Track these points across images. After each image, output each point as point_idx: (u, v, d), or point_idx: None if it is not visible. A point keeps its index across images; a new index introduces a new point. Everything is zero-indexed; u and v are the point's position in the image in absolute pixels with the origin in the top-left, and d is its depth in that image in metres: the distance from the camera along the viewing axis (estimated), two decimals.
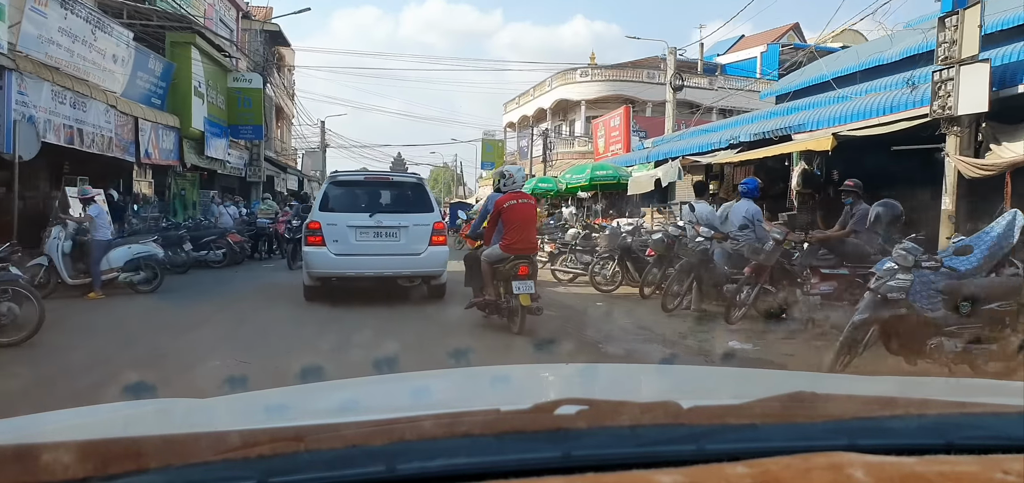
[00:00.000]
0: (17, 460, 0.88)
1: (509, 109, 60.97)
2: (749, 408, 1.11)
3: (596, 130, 35.34)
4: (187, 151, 23.47)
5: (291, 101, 46.12)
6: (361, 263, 11.35)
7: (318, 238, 11.36)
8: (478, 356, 7.59)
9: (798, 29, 46.91)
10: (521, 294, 8.88)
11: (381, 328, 9.67)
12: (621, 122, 32.49)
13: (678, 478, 0.85)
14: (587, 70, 47.69)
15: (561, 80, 48.65)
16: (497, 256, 9.15)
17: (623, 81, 45.77)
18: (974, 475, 0.88)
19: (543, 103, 51.24)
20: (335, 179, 12.70)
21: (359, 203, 11.79)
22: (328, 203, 11.81)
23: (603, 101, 43.95)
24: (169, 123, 22.00)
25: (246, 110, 28.61)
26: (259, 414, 1.58)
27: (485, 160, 56.87)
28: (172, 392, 2.16)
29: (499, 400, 1.48)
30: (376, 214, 11.51)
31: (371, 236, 11.41)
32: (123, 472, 0.86)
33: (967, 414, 1.19)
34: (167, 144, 21.95)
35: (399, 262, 11.40)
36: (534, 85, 54.16)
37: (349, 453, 0.93)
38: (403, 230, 11.43)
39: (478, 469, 0.91)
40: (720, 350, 8.48)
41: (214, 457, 0.90)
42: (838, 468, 0.86)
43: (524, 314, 8.88)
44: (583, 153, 43.61)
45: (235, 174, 30.12)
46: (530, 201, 9.75)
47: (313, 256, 11.43)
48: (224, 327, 9.95)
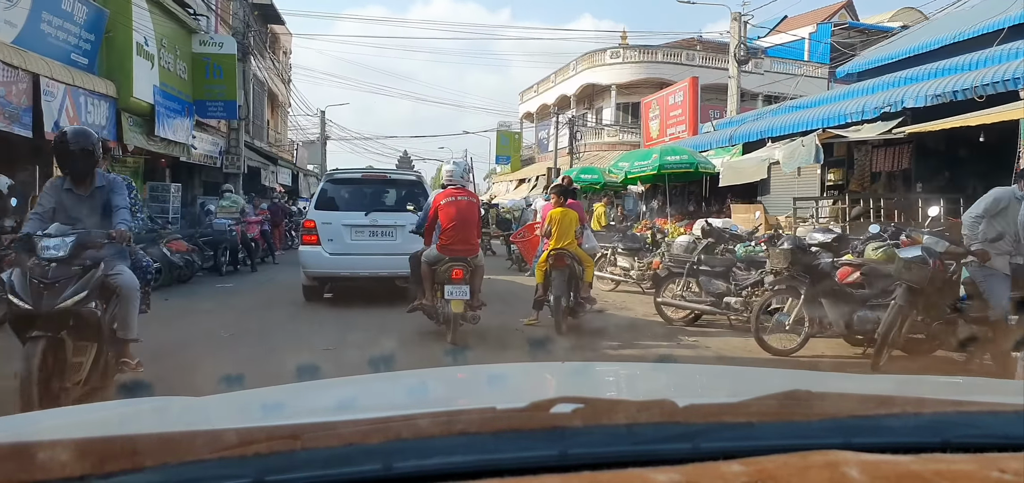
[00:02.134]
0: (14, 458, 0.88)
1: (526, 98, 56.04)
2: (745, 406, 1.11)
3: (647, 111, 30.47)
4: (128, 129, 17.46)
5: (286, 87, 41.48)
6: (356, 263, 11.27)
7: (313, 237, 11.29)
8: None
9: (851, 7, 41.45)
10: (453, 300, 8.36)
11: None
12: (685, 98, 26.95)
13: (674, 477, 0.85)
14: (618, 51, 42.39)
15: (587, 63, 43.93)
16: (433, 257, 8.67)
17: (658, 63, 40.89)
18: (970, 473, 0.88)
19: (566, 89, 46.58)
20: (332, 177, 12.63)
21: (355, 202, 11.68)
22: (324, 201, 11.75)
23: (636, 85, 40.64)
24: (98, 89, 16.04)
25: (216, 82, 22.56)
26: (255, 412, 1.58)
27: (500, 153, 53.31)
28: None
29: (495, 398, 1.48)
30: (372, 213, 11.39)
31: (367, 235, 11.32)
32: (120, 470, 0.86)
33: (963, 413, 1.19)
34: (95, 117, 15.81)
35: (395, 262, 10.86)
36: (556, 70, 49.51)
37: (345, 451, 0.93)
38: (399, 229, 11.22)
39: (474, 467, 0.91)
40: None
41: (210, 455, 0.90)
42: (834, 466, 0.86)
43: (457, 322, 8.38)
44: (613, 144, 40.57)
45: (205, 162, 24.29)
46: (471, 199, 9.14)
47: (308, 255, 11.39)
48: None
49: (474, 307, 8.66)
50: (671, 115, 27.60)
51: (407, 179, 12.82)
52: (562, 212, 9.64)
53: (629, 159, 21.49)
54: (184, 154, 21.41)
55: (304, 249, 11.53)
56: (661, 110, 28.59)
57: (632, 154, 22.83)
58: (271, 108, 38.69)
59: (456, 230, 8.59)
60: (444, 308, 8.52)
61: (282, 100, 41.25)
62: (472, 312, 8.61)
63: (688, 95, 26.32)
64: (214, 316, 10.58)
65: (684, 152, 19.13)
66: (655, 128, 28.74)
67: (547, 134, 47.52)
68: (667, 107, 28.11)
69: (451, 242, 8.56)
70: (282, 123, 42.91)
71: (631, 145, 37.63)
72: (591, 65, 43.56)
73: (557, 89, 48.29)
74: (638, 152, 23.61)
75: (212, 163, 24.69)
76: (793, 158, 14.34)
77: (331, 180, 12.44)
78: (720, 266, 10.16)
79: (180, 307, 11.07)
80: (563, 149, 40.90)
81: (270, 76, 36.11)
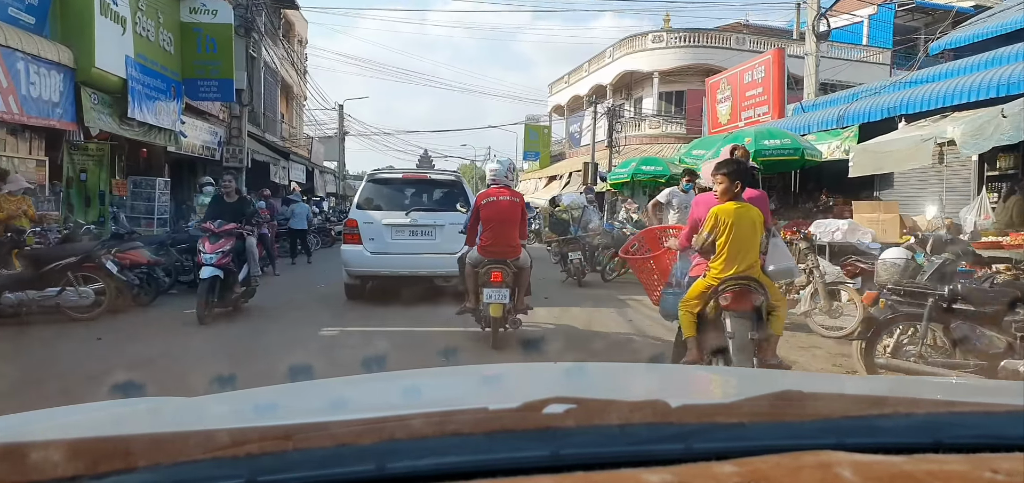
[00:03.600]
0: (5, 459, 0.88)
1: (556, 89, 53.19)
2: (738, 407, 1.11)
3: (713, 94, 25.12)
4: (91, 108, 13.95)
5: (301, 78, 38.68)
6: (396, 261, 11.47)
7: (355, 236, 11.55)
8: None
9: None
10: (492, 304, 8.11)
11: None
12: (768, 74, 21.56)
13: (667, 477, 0.85)
14: (661, 35, 39.24)
15: (626, 49, 40.79)
16: (475, 259, 8.46)
17: (705, 47, 37.65)
18: (963, 474, 0.88)
19: (602, 78, 43.32)
20: (373, 177, 12.69)
21: (396, 201, 11.90)
22: (365, 201, 11.97)
23: (680, 72, 38.06)
24: (47, 55, 12.65)
25: (209, 57, 19.01)
26: (248, 413, 1.58)
27: (528, 149, 50.47)
28: None
29: (489, 399, 1.48)
30: (412, 213, 11.60)
31: (406, 235, 11.53)
32: (112, 471, 0.85)
33: (956, 413, 1.19)
34: (43, 91, 12.58)
35: (434, 261, 11.27)
36: (589, 58, 46.46)
37: (338, 452, 0.93)
38: (438, 229, 11.47)
39: (467, 468, 0.91)
40: None
41: (203, 456, 0.90)
42: (827, 467, 0.86)
43: (496, 327, 8.19)
44: (655, 136, 38.28)
45: (202, 154, 21.12)
46: (513, 198, 8.63)
47: (350, 254, 11.62)
48: None
49: (516, 311, 8.42)
50: (748, 95, 22.78)
51: (447, 180, 12.89)
52: (738, 209, 5.59)
53: (707, 145, 17.34)
54: (171, 143, 17.97)
55: (346, 248, 11.76)
56: (733, 90, 23.66)
57: (707, 140, 19.01)
58: (285, 100, 36.46)
59: (496, 231, 8.34)
60: (486, 311, 8.28)
61: (297, 92, 38.88)
62: (514, 316, 8.37)
63: (771, 70, 21.40)
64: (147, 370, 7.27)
65: (785, 135, 15.44)
66: (724, 112, 24.01)
67: (579, 127, 45.07)
68: (741, 86, 23.18)
69: (491, 243, 8.34)
70: (298, 117, 40.47)
71: (676, 138, 36.01)
72: (630, 51, 40.45)
73: (591, 79, 45.24)
74: (712, 138, 19.73)
75: (210, 155, 21.48)
76: (981, 135, 10.47)
77: (372, 180, 12.54)
78: (993, 302, 6.00)
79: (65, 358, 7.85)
80: (600, 143, 37.80)
81: (284, 66, 33.64)
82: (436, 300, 11.11)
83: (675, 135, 36.99)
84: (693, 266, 6.13)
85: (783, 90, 21.21)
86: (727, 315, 5.49)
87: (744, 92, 22.99)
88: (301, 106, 40.77)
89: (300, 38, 38.96)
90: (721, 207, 5.62)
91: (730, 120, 23.29)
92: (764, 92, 21.93)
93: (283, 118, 35.60)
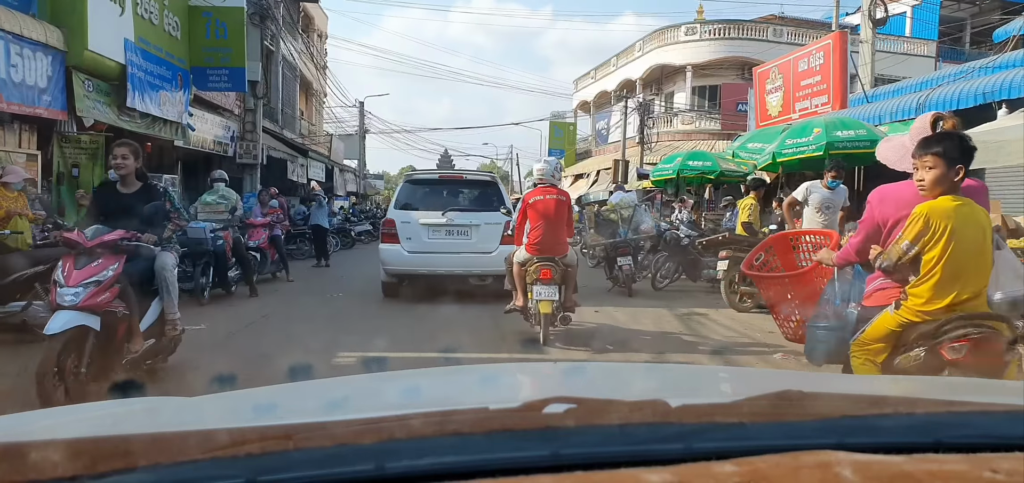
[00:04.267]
0: (5, 459, 0.88)
1: (582, 85, 51.69)
2: (738, 407, 1.11)
3: (762, 84, 22.98)
4: (84, 96, 12.73)
5: (321, 74, 37.62)
6: (433, 260, 11.68)
7: (393, 236, 11.78)
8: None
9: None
10: (541, 301, 8.22)
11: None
12: (828, 60, 19.25)
13: (667, 477, 0.86)
14: (694, 27, 37.72)
15: (657, 41, 39.17)
16: (523, 257, 8.59)
17: (742, 40, 36.21)
18: (963, 473, 0.88)
19: (631, 72, 41.71)
20: (411, 178, 13.14)
21: (433, 201, 12.10)
22: (403, 202, 12.21)
23: (714, 65, 36.69)
24: (34, 36, 11.52)
25: (219, 44, 17.61)
26: (248, 413, 1.58)
27: (553, 147, 48.22)
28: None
29: (488, 398, 1.48)
30: (449, 213, 11.78)
31: (443, 234, 11.72)
32: (112, 470, 0.85)
33: (956, 413, 1.19)
34: (30, 75, 11.44)
35: (470, 260, 11.61)
36: (618, 53, 44.85)
37: (338, 451, 0.93)
38: (475, 229, 11.69)
39: (467, 467, 0.91)
40: None
41: (203, 455, 0.90)
42: (827, 467, 0.86)
43: (547, 324, 8.30)
44: (688, 132, 36.73)
45: (213, 149, 19.85)
46: (561, 197, 8.73)
47: (388, 253, 11.83)
48: None
49: (565, 308, 8.55)
50: (803, 85, 20.66)
51: (483, 180, 13.19)
52: (961, 207, 3.87)
53: (766, 138, 16.14)
54: (178, 137, 16.58)
55: (384, 247, 11.97)
56: (786, 79, 21.44)
57: (764, 133, 17.70)
58: (304, 97, 35.33)
59: (544, 229, 8.46)
60: (535, 309, 8.39)
61: (317, 88, 37.64)
62: (563, 313, 8.52)
63: (832, 56, 19.02)
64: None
65: (859, 125, 13.95)
66: (775, 103, 22.01)
67: (606, 124, 43.59)
68: (795, 75, 20.95)
69: (540, 241, 8.45)
70: (318, 114, 39.11)
71: (710, 134, 35.02)
72: (662, 44, 38.87)
73: (620, 73, 43.69)
74: (770, 129, 18.30)
75: (222, 151, 20.33)
76: None
77: (410, 181, 12.92)
78: None
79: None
80: (632, 139, 35.88)
81: (302, 60, 32.45)
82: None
83: (709, 131, 36.16)
84: (872, 289, 4.38)
85: (845, 78, 19.01)
86: (953, 372, 3.77)
87: (798, 81, 20.86)
88: (321, 103, 39.62)
89: (319, 32, 37.89)
90: (933, 204, 3.86)
91: (782, 112, 21.41)
92: (823, 80, 19.57)
93: (302, 115, 34.60)
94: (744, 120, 32.85)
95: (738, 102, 34.03)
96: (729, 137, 30.97)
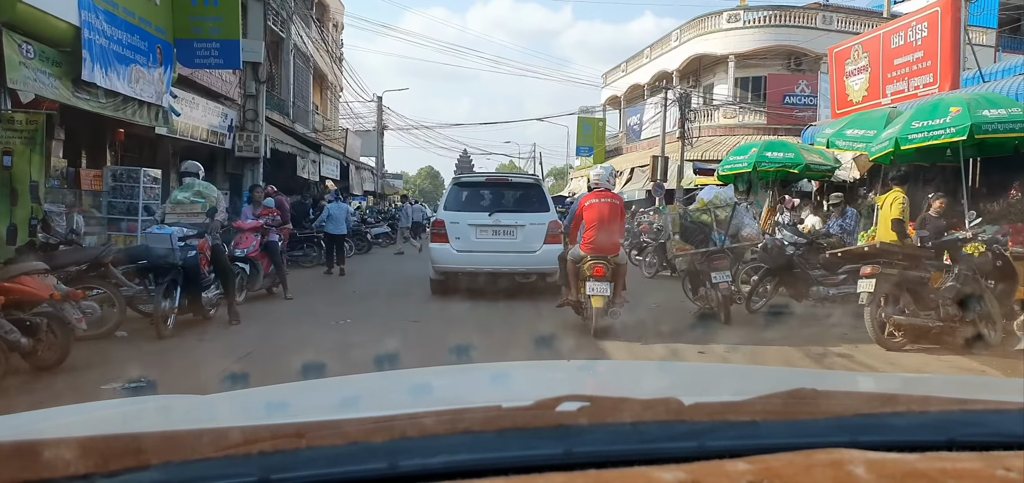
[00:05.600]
0: (18, 457, 0.89)
1: (611, 79, 48.96)
2: (750, 405, 1.11)
3: (839, 65, 20.13)
4: (21, 63, 9.81)
5: (337, 66, 35.61)
6: (480, 259, 12.19)
7: (443, 236, 12.35)
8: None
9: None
10: (594, 296, 8.83)
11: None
12: (934, 33, 16.43)
13: (680, 475, 0.85)
14: (737, 14, 35.24)
15: (695, 30, 36.73)
16: (577, 255, 9.25)
17: (789, 27, 33.96)
18: (975, 472, 0.88)
19: (666, 64, 39.09)
20: (458, 181, 13.94)
21: (480, 203, 12.75)
22: (452, 203, 12.79)
23: (758, 55, 34.57)
24: None
25: (208, 12, 14.52)
26: (260, 411, 1.58)
27: (581, 144, 46.29)
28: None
29: (501, 397, 1.48)
30: (495, 213, 12.37)
31: (490, 234, 12.28)
32: (124, 468, 0.86)
33: (968, 411, 1.19)
34: None
35: (516, 259, 12.20)
36: (651, 44, 42.54)
37: (350, 450, 0.93)
38: (520, 229, 12.22)
39: (480, 466, 0.91)
40: None
41: (215, 454, 0.90)
42: (840, 465, 0.86)
43: (598, 317, 8.87)
44: (731, 126, 34.57)
45: (207, 139, 17.11)
46: (615, 200, 9.52)
47: (438, 252, 12.39)
48: None
49: (615, 303, 9.08)
50: (897, 63, 17.57)
51: (527, 182, 14.10)
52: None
53: (869, 123, 13.87)
54: (158, 123, 13.72)
55: (434, 246, 12.56)
56: (872, 59, 18.34)
57: (867, 117, 14.97)
58: (318, 90, 33.57)
59: (599, 230, 9.08)
60: (587, 303, 8.98)
61: (332, 81, 35.69)
62: (613, 308, 9.05)
63: (940, 26, 16.07)
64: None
65: (1011, 102, 11.53)
66: (858, 86, 19.13)
67: (639, 119, 41.05)
68: (886, 53, 17.81)
69: (592, 240, 9.06)
70: (333, 109, 37.28)
71: (754, 128, 32.93)
72: (701, 32, 36.35)
73: (653, 65, 41.16)
74: (873, 113, 15.67)
75: (217, 142, 17.56)
76: None
77: (457, 183, 13.65)
78: None
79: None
80: (672, 134, 32.93)
81: (318, 51, 30.74)
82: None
83: (754, 125, 33.81)
84: None
85: (958, 52, 16.06)
86: None
87: (891, 59, 17.75)
88: (337, 96, 37.67)
89: (335, 22, 36.16)
90: None
91: (868, 97, 18.51)
92: (926, 57, 16.58)
93: (317, 109, 32.91)
94: (791, 113, 31.95)
95: (785, 94, 33.47)
96: (774, 132, 29.56)
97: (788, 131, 22.51)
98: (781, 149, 16.43)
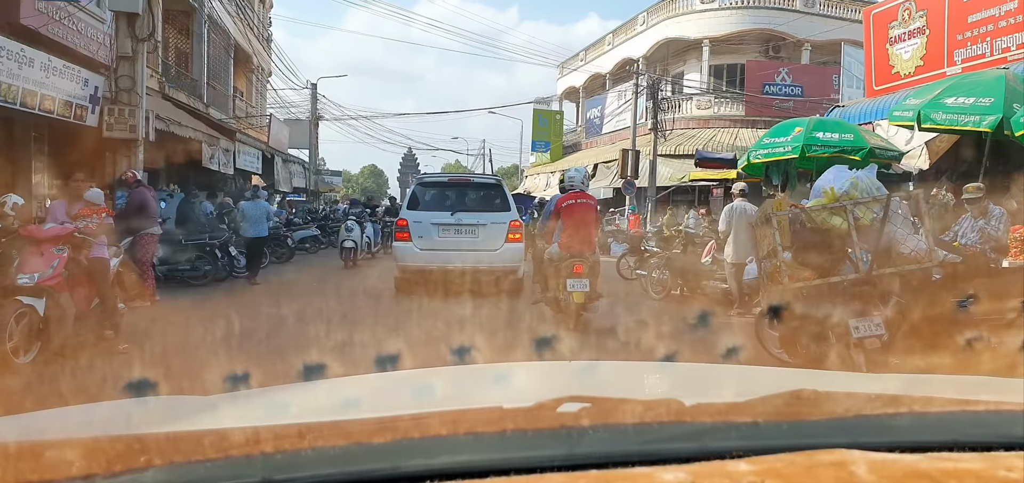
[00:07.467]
0: (21, 458, 0.89)
1: (567, 70, 45.78)
2: (752, 406, 1.11)
3: (880, 30, 16.93)
4: None
5: (266, 48, 32.39)
6: (442, 257, 12.34)
7: (406, 234, 12.58)
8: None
9: None
10: (574, 292, 9.10)
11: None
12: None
13: (681, 476, 0.85)
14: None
15: (665, 12, 33.75)
16: (556, 255, 9.52)
17: (768, 9, 31.34)
18: (977, 473, 0.88)
19: (632, 50, 35.84)
20: (422, 181, 14.38)
21: (443, 203, 12.96)
22: (416, 202, 13.03)
23: (734, 40, 31.98)
24: None
25: None
26: (262, 412, 1.58)
27: (536, 139, 42.38)
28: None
29: (503, 398, 1.48)
30: (457, 213, 12.60)
31: (452, 233, 12.51)
32: (127, 470, 0.86)
33: (970, 412, 1.19)
34: None
35: (477, 257, 12.32)
36: (613, 31, 39.64)
37: (353, 450, 0.93)
38: (481, 228, 12.47)
39: (482, 467, 0.91)
40: None
41: (217, 455, 0.90)
42: (841, 465, 0.86)
43: (578, 312, 9.14)
44: (705, 119, 31.62)
45: (61, 114, 12.73)
46: (589, 201, 9.93)
47: (401, 250, 12.70)
48: None
49: (593, 298, 9.39)
50: (971, 21, 14.28)
51: (489, 183, 14.24)
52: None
53: (986, 88, 10.43)
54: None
55: (398, 244, 12.90)
56: (933, 18, 15.17)
57: (979, 81, 11.12)
58: (242, 74, 29.56)
59: (577, 230, 9.46)
60: (567, 300, 9.23)
61: (258, 64, 31.51)
62: (592, 302, 9.39)
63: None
64: None
65: None
66: (908, 54, 15.75)
67: (600, 111, 37.60)
68: (956, 9, 14.69)
69: (571, 240, 9.42)
70: (260, 96, 33.04)
71: (731, 120, 31.09)
72: (671, 14, 33.36)
73: (617, 52, 37.86)
74: (933, 85, 12.35)
75: (76, 117, 13.20)
76: None
77: (421, 183, 13.96)
78: None
79: None
80: (644, 126, 29.81)
81: (240, 27, 26.59)
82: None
83: (730, 117, 31.34)
84: None
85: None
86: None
87: (962, 16, 14.40)
88: (263, 81, 33.61)
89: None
90: None
91: (925, 66, 15.18)
92: (1020, 9, 13.13)
93: (241, 95, 29.39)
94: (771, 103, 29.57)
95: (764, 83, 30.73)
96: (753, 124, 28.77)
97: (769, 124, 19.52)
98: (836, 129, 13.10)
